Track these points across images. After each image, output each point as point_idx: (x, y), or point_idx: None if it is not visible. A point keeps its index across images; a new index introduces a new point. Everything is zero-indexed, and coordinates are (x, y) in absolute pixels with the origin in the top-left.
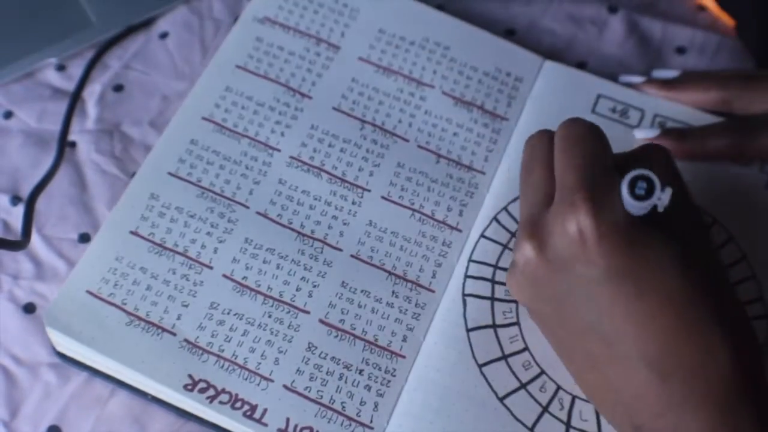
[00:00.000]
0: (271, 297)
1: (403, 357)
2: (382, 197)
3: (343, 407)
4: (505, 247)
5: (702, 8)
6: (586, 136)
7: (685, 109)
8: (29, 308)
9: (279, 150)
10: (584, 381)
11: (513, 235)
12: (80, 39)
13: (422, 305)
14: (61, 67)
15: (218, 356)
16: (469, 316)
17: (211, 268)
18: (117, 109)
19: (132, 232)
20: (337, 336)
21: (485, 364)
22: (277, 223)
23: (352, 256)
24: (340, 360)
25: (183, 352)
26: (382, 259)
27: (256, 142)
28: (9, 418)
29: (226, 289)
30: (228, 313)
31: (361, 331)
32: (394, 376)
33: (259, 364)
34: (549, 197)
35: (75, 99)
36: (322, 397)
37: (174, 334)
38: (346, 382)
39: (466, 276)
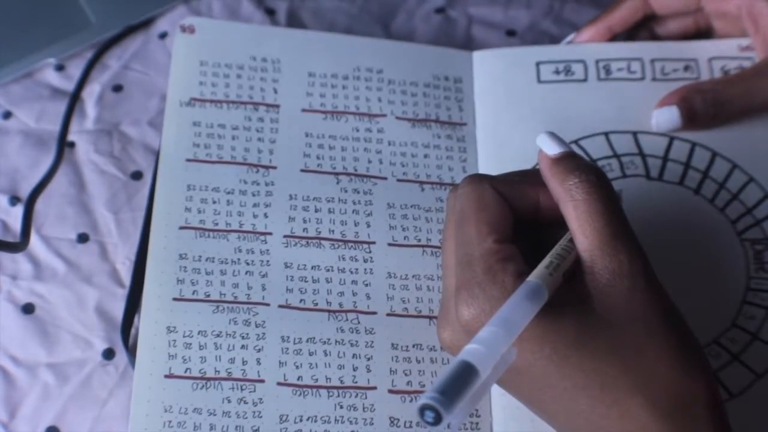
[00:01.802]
0: (333, 387)
1: None
2: (389, 244)
3: None
4: None
5: None
6: (463, 218)
7: (622, 46)
8: (28, 309)
9: (270, 233)
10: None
11: None
12: (79, 39)
13: None
14: (60, 67)
15: None
16: None
17: (262, 381)
18: (116, 109)
19: (167, 376)
20: (412, 400)
21: None
22: (303, 309)
23: (388, 314)
24: None
25: None
26: (417, 306)
27: (243, 233)
28: (8, 419)
29: (286, 397)
30: (300, 420)
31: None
32: (479, 414)
33: None
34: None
35: (74, 99)
36: None
37: None
38: None
39: None
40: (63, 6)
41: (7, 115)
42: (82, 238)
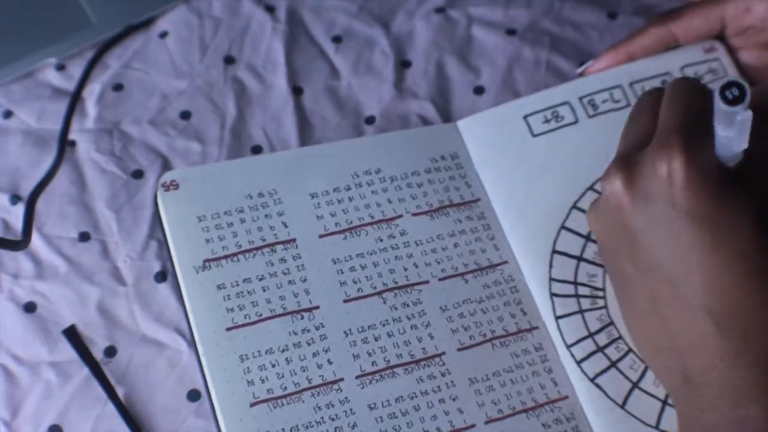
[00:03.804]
0: None
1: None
2: (459, 350)
3: None
4: (578, 307)
5: None
6: (692, 90)
7: (597, 78)
8: (30, 307)
9: (342, 379)
10: (642, 325)
11: (576, 283)
12: (80, 39)
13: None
14: (60, 67)
15: None
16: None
17: None
18: (117, 107)
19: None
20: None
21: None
22: None
23: (486, 422)
24: None
25: None
26: (510, 403)
27: (315, 388)
28: (10, 418)
29: None
30: None
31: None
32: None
33: None
34: (648, 140)
35: (75, 98)
36: None
37: None
38: None
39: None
40: (63, 6)
41: (8, 114)
42: (84, 237)
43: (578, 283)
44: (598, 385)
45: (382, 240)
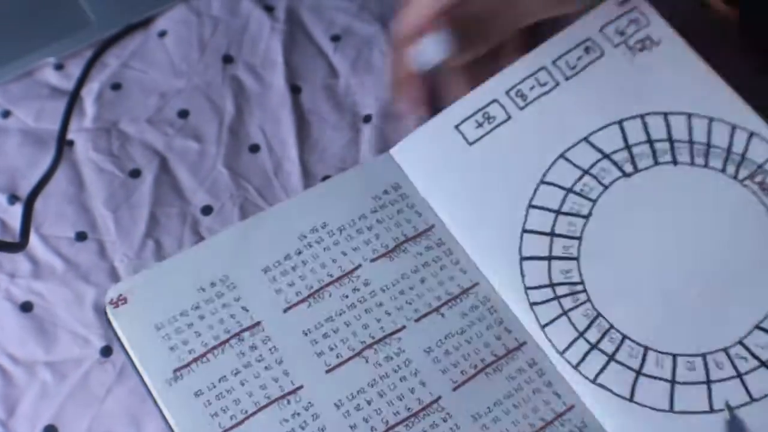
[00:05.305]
0: None
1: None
2: (453, 389)
3: None
4: (561, 309)
5: (704, 4)
6: None
7: (520, 66)
8: (26, 307)
9: None
10: None
11: (552, 285)
12: (79, 38)
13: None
14: (59, 66)
15: None
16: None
17: None
18: (115, 107)
19: None
20: None
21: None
22: None
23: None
24: None
25: None
26: (520, 430)
27: None
28: (6, 418)
29: None
30: None
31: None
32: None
33: None
34: None
35: (74, 98)
36: None
37: None
38: None
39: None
40: (63, 5)
41: (6, 114)
42: (81, 237)
43: (554, 283)
44: (601, 385)
45: (347, 296)
